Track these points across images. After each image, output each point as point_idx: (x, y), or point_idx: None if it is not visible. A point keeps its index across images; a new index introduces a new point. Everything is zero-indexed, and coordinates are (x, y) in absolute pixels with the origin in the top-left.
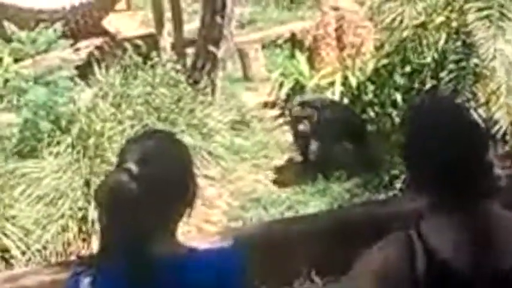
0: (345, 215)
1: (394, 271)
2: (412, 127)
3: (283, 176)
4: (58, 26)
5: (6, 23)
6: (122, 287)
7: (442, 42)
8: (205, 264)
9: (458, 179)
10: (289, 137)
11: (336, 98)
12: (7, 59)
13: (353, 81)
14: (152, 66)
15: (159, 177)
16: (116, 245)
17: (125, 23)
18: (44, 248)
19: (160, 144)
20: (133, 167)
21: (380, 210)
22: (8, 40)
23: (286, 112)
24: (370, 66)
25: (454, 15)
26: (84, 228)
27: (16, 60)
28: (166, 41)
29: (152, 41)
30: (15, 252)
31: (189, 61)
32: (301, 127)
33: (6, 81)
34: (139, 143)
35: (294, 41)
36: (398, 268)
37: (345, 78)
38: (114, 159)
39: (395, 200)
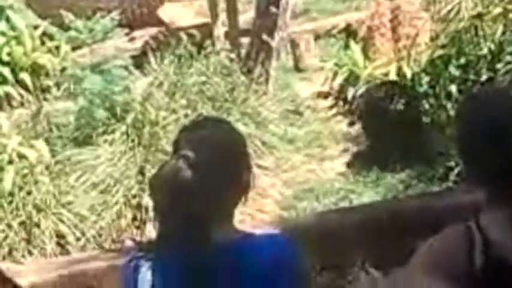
0: (400, 206)
1: (452, 263)
2: (468, 119)
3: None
4: (114, 15)
5: (64, 12)
6: (181, 271)
7: (498, 33)
8: (262, 249)
9: None
10: (343, 127)
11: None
12: (64, 47)
13: (408, 72)
14: (206, 56)
15: (215, 164)
16: (174, 231)
17: (179, 13)
18: (99, 234)
19: (216, 131)
20: (189, 153)
21: (436, 202)
22: (66, 29)
23: (340, 103)
24: (425, 57)
25: (511, 7)
26: (138, 216)
27: (73, 49)
28: (220, 30)
29: (207, 30)
30: (70, 238)
31: (243, 51)
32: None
33: (64, 69)
34: (195, 130)
35: (349, 32)
36: (457, 260)
37: (400, 69)
38: (168, 148)
39: (451, 192)
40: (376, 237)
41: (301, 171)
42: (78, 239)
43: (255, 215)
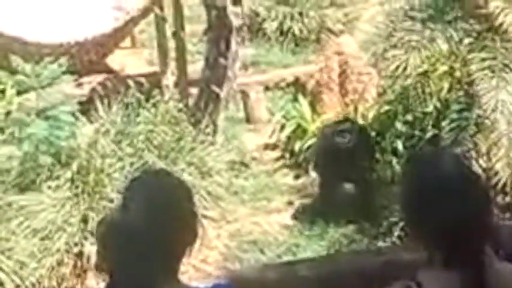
0: (343, 261)
1: None
2: (412, 179)
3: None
4: (63, 60)
5: (12, 56)
6: None
7: (444, 91)
8: None
9: (457, 232)
10: (288, 180)
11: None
12: (10, 91)
13: None
14: (154, 105)
15: (166, 218)
16: (123, 285)
17: (129, 61)
18: (39, 282)
19: (166, 184)
20: (139, 207)
21: (378, 258)
22: (13, 72)
23: (287, 155)
24: (372, 112)
25: (457, 65)
26: (79, 264)
27: (19, 93)
28: (169, 79)
29: (155, 79)
30: (9, 286)
31: (191, 101)
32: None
33: (8, 113)
34: (144, 183)
35: (297, 85)
36: None
37: None
38: (113, 196)
39: (394, 248)
40: None
41: (246, 223)
42: (17, 287)
43: (199, 266)
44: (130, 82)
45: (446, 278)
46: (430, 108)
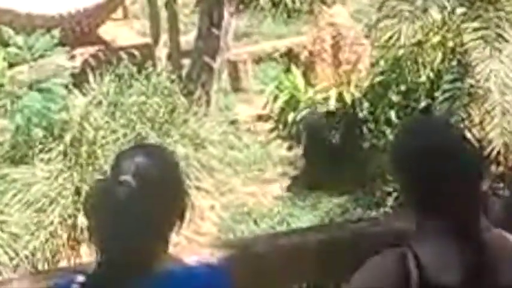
0: (337, 230)
1: (387, 287)
2: (404, 147)
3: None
4: (55, 32)
5: (3, 27)
6: None
7: (437, 61)
8: (196, 281)
9: (449, 199)
10: (282, 151)
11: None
12: (2, 64)
13: (348, 98)
14: (147, 76)
15: (155, 190)
16: (112, 260)
17: (121, 32)
18: (32, 254)
19: (155, 157)
20: (129, 179)
21: (372, 227)
22: (5, 44)
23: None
24: (366, 83)
25: (450, 35)
26: (73, 236)
27: (11, 65)
28: (161, 51)
29: (148, 50)
30: (3, 258)
31: (184, 72)
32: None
33: (1, 86)
34: (133, 156)
35: (290, 56)
36: (392, 284)
37: (340, 94)
38: (106, 168)
39: (388, 218)
40: (312, 261)
41: (239, 194)
42: (11, 259)
43: (192, 237)
44: (123, 54)
45: (439, 245)
46: (423, 79)
